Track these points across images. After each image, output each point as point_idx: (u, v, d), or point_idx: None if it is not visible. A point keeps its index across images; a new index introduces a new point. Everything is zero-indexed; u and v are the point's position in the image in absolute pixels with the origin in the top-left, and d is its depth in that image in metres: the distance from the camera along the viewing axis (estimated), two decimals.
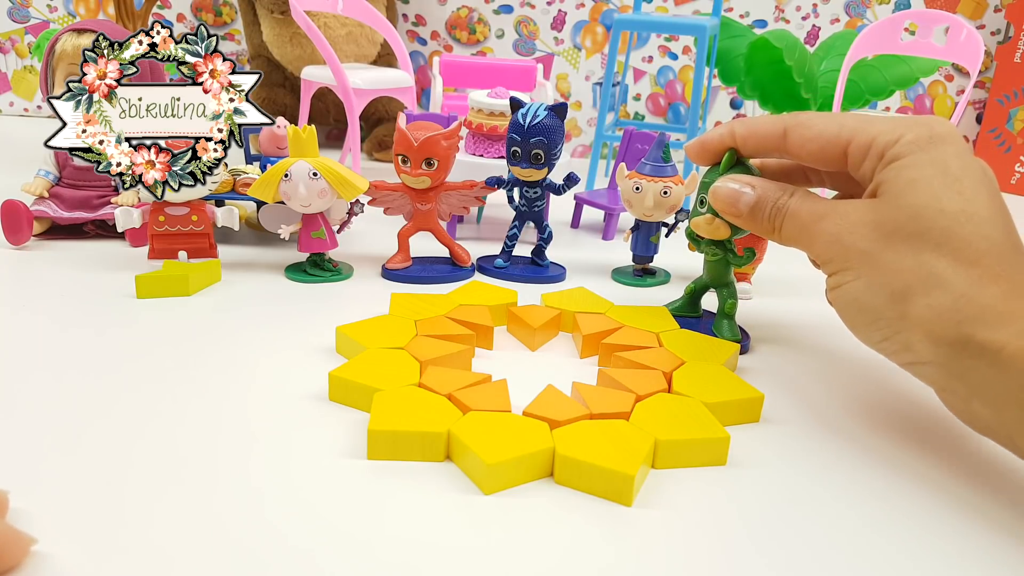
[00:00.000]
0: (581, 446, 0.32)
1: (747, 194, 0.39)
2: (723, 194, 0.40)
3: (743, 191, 0.39)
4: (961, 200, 0.32)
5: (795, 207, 0.37)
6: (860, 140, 0.36)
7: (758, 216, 0.38)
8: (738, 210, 0.39)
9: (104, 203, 0.61)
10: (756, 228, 0.39)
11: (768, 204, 0.38)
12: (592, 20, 1.18)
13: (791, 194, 0.38)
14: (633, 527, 0.29)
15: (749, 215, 0.39)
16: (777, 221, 0.38)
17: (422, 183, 0.55)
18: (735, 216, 0.39)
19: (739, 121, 0.42)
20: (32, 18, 1.18)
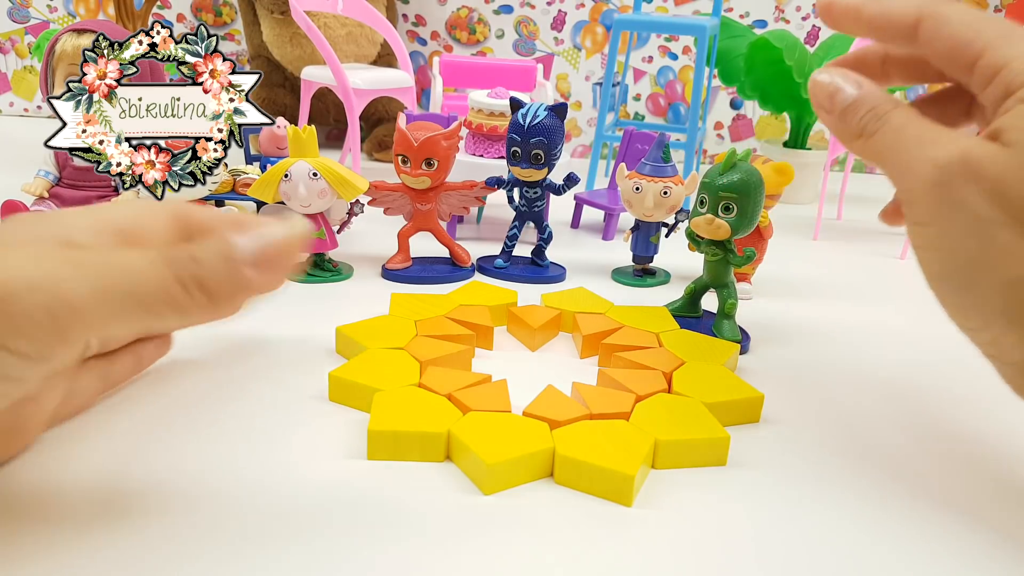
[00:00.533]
0: (581, 446, 0.32)
1: (848, 92, 0.32)
2: (822, 86, 0.32)
3: (845, 88, 0.32)
4: None
5: (900, 120, 0.30)
6: (990, 59, 0.29)
7: (849, 117, 0.32)
8: (832, 106, 0.32)
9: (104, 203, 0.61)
10: (841, 130, 0.32)
11: (865, 106, 0.31)
12: (592, 20, 1.18)
13: (896, 105, 0.31)
14: (633, 527, 0.29)
15: (840, 115, 0.32)
16: (872, 127, 0.31)
17: (422, 183, 0.55)
18: (825, 111, 0.33)
19: None
20: (32, 18, 1.18)
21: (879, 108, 0.31)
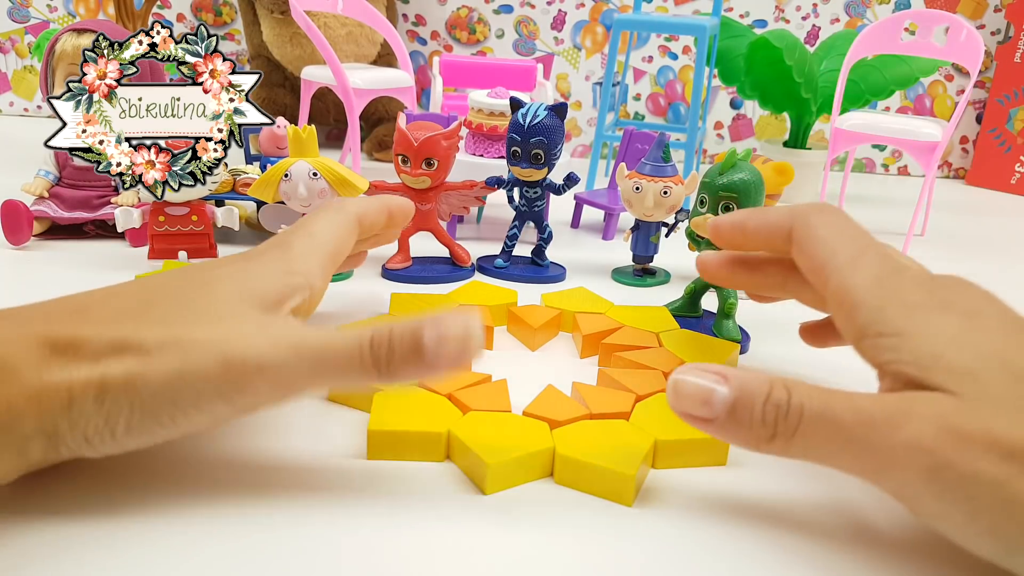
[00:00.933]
0: (581, 446, 0.32)
1: (720, 392, 0.26)
2: (689, 395, 0.27)
3: (716, 387, 0.27)
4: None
5: (815, 405, 0.26)
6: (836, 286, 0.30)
7: (743, 417, 0.26)
8: (712, 412, 0.27)
9: (104, 203, 0.61)
10: (741, 436, 0.27)
11: (756, 400, 0.26)
12: (592, 20, 1.18)
13: (788, 386, 0.26)
14: (633, 527, 0.29)
15: (729, 419, 0.26)
16: (787, 424, 0.26)
17: (422, 183, 0.55)
18: (704, 422, 0.27)
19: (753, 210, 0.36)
20: (32, 18, 1.18)
21: (774, 397, 0.26)
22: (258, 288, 0.30)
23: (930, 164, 0.73)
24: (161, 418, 0.27)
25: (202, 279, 0.30)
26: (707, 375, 0.27)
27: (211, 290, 0.29)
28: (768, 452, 0.27)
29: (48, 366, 0.26)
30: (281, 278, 0.31)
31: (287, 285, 0.31)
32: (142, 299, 0.29)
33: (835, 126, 0.77)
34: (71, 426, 0.26)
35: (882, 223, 0.87)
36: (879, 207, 0.97)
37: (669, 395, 0.27)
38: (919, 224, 0.83)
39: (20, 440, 0.26)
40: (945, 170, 1.24)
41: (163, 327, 0.27)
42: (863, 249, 0.31)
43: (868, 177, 1.19)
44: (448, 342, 0.27)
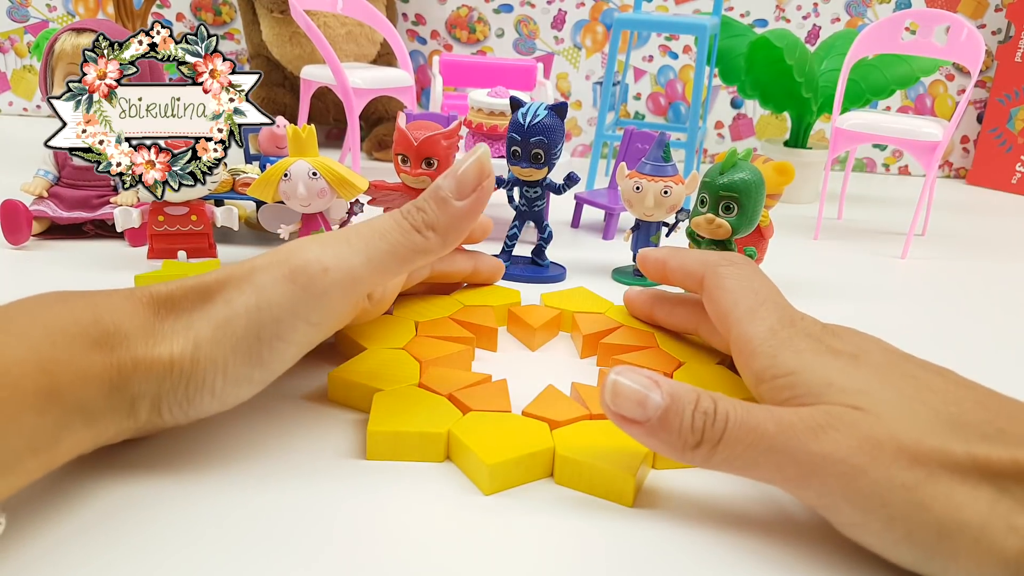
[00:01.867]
0: (581, 446, 0.32)
1: (655, 398, 0.27)
2: (626, 394, 0.28)
3: (650, 393, 0.28)
4: None
5: (742, 413, 0.27)
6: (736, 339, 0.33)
7: (673, 423, 0.27)
8: (644, 414, 0.27)
9: (104, 203, 0.61)
10: (668, 443, 0.28)
11: (688, 407, 0.27)
12: (592, 19, 1.18)
13: (714, 397, 0.28)
14: (633, 527, 0.29)
15: (659, 423, 0.27)
16: (714, 431, 0.27)
17: (422, 183, 0.55)
18: (635, 426, 0.28)
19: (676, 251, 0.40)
20: (31, 17, 1.18)
21: (702, 405, 0.27)
22: None
23: (931, 164, 0.73)
24: (251, 358, 0.29)
25: None
26: (642, 379, 0.28)
27: None
28: (691, 460, 0.28)
29: (152, 334, 0.29)
30: None
31: None
32: None
33: (836, 126, 0.77)
34: (173, 388, 0.29)
35: (882, 223, 0.87)
36: (879, 207, 0.96)
37: (605, 394, 0.28)
38: (919, 224, 0.83)
39: (130, 401, 0.28)
40: (946, 170, 1.24)
41: (238, 267, 0.31)
42: (762, 302, 0.33)
43: (868, 177, 1.19)
44: (466, 179, 0.33)
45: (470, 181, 0.33)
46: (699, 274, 0.37)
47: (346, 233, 0.32)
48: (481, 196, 0.33)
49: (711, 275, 0.36)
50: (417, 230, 0.32)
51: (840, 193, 0.90)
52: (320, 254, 0.30)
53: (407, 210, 0.33)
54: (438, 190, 0.33)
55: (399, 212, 0.33)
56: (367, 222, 0.33)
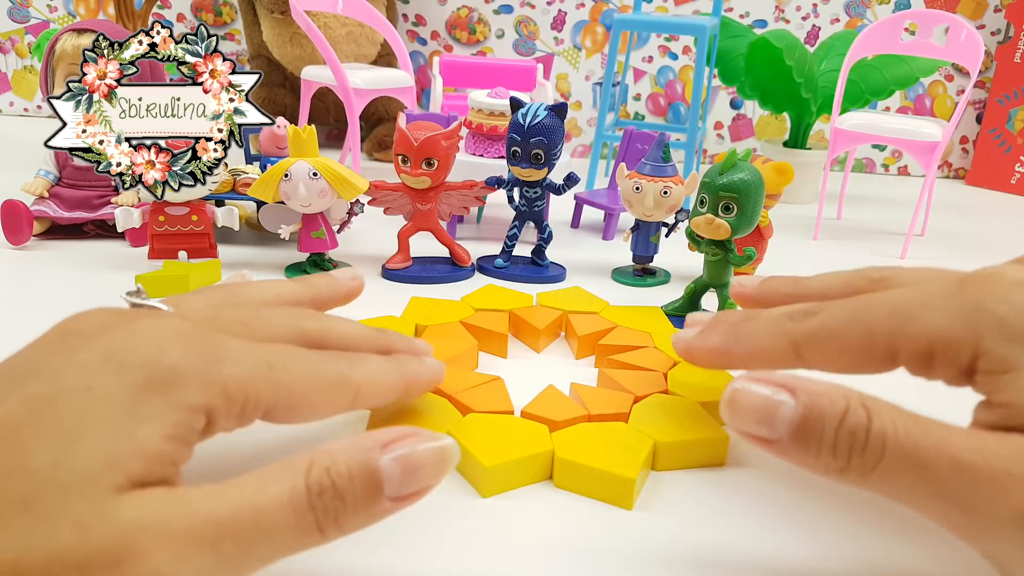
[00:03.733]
0: (580, 449, 0.32)
1: (785, 403, 0.22)
2: (748, 406, 0.23)
3: (779, 399, 0.22)
4: None
5: (904, 438, 0.21)
6: (912, 347, 0.24)
7: (811, 443, 0.22)
8: (773, 431, 0.22)
9: (104, 203, 0.61)
10: (807, 462, 0.23)
11: (830, 422, 0.22)
12: (592, 20, 1.18)
13: (868, 407, 0.22)
14: (634, 530, 0.29)
15: (794, 440, 0.22)
16: (865, 459, 0.22)
17: (422, 183, 0.55)
18: (766, 443, 0.23)
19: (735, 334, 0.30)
20: (32, 18, 1.18)
21: (851, 418, 0.22)
22: (140, 440, 0.20)
23: (930, 164, 0.73)
24: None
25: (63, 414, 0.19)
26: (770, 385, 0.23)
27: (71, 448, 0.19)
28: (840, 483, 0.22)
29: None
30: (177, 419, 0.21)
31: (182, 429, 0.21)
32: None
33: (835, 126, 0.77)
34: None
35: (882, 223, 0.87)
36: (879, 207, 0.97)
37: (724, 409, 0.23)
38: (919, 224, 0.83)
39: None
40: (945, 170, 1.24)
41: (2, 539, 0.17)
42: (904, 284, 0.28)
43: (868, 177, 1.19)
44: (420, 474, 0.22)
45: (425, 479, 0.22)
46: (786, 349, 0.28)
47: (217, 531, 0.19)
48: (417, 500, 0.22)
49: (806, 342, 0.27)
50: (320, 529, 0.21)
51: (840, 193, 0.90)
52: (168, 574, 0.18)
53: (320, 490, 0.21)
54: (376, 474, 0.21)
55: (306, 491, 0.20)
56: (254, 496, 0.20)
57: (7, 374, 0.21)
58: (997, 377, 0.22)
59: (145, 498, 0.19)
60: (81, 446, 0.19)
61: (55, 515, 0.18)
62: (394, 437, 0.22)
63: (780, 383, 0.23)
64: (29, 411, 0.19)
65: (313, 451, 0.22)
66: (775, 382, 0.23)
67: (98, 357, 0.21)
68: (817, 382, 0.23)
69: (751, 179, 0.46)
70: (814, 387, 0.23)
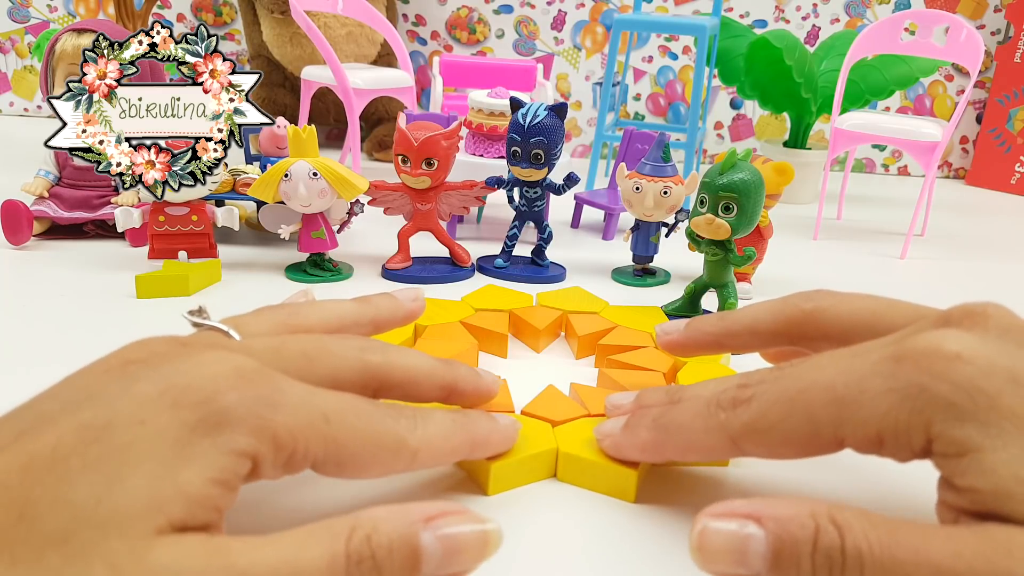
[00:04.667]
0: (583, 443, 0.32)
1: (755, 536, 0.22)
2: (718, 546, 0.22)
3: (746, 532, 0.22)
4: None
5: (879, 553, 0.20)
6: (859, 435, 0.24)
7: (789, 570, 0.21)
8: (750, 568, 0.22)
9: (104, 203, 0.61)
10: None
11: (804, 548, 0.21)
12: (592, 20, 1.18)
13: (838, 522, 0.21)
14: (636, 523, 0.29)
15: (771, 571, 0.21)
16: None
17: (422, 183, 0.55)
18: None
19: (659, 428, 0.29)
20: (32, 18, 1.18)
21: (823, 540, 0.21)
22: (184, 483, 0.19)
23: (930, 164, 0.73)
24: None
25: (112, 448, 0.19)
26: (735, 519, 0.22)
27: (115, 484, 0.19)
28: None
29: None
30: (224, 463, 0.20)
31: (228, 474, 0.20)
32: (19, 499, 0.18)
33: (835, 126, 0.77)
34: None
35: (882, 223, 0.87)
36: (879, 207, 0.97)
37: (694, 555, 0.22)
38: (919, 224, 0.83)
39: None
40: (945, 170, 1.24)
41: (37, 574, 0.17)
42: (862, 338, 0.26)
43: (868, 177, 1.19)
44: (460, 557, 0.21)
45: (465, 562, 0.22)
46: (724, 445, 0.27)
47: (237, 568, 0.19)
48: None
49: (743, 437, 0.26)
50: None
51: (839, 193, 0.90)
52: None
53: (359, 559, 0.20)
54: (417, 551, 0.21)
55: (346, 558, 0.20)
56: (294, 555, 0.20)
57: (64, 396, 0.21)
58: (956, 460, 0.22)
59: (183, 544, 0.19)
60: (125, 484, 0.19)
61: (91, 553, 0.17)
62: (439, 512, 0.22)
63: (744, 513, 0.22)
64: (79, 440, 0.19)
65: (357, 515, 0.21)
66: (739, 513, 0.22)
67: (155, 390, 0.20)
68: (780, 502, 0.22)
69: (751, 179, 0.46)
70: (780, 511, 0.22)
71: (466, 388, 0.30)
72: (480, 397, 0.31)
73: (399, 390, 0.28)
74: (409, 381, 0.28)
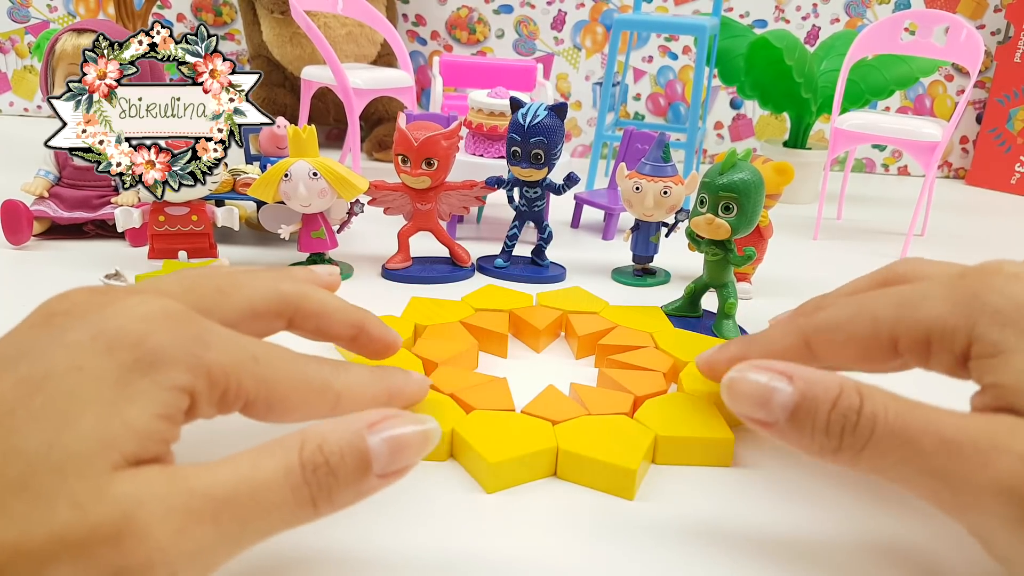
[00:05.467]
0: (583, 440, 0.32)
1: (784, 390, 0.24)
2: (746, 392, 0.24)
3: (775, 385, 0.24)
4: None
5: (891, 416, 0.23)
6: (911, 335, 0.25)
7: (805, 425, 0.23)
8: (771, 414, 0.24)
9: (104, 203, 0.61)
10: (802, 443, 0.24)
11: (823, 403, 0.23)
12: (592, 20, 1.18)
13: (861, 391, 0.23)
14: (635, 521, 0.29)
15: (791, 423, 0.24)
16: (855, 438, 0.23)
17: (422, 183, 0.55)
18: (762, 424, 0.24)
19: (750, 340, 0.31)
20: (32, 18, 1.18)
21: (843, 402, 0.23)
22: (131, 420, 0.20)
23: (930, 164, 0.73)
24: None
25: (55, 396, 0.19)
26: (768, 372, 0.24)
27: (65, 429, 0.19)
28: (834, 464, 0.24)
29: None
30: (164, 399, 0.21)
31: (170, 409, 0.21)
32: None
33: (835, 126, 0.77)
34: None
35: (882, 223, 0.87)
36: (879, 207, 0.97)
37: (724, 392, 0.25)
38: (919, 224, 0.83)
39: None
40: (945, 170, 1.24)
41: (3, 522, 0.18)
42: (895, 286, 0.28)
43: (868, 177, 1.19)
44: (404, 453, 0.23)
45: (409, 457, 0.23)
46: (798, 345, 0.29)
47: (216, 505, 0.20)
48: (401, 477, 0.23)
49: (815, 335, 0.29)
50: (314, 503, 0.21)
51: (839, 193, 0.90)
52: (170, 548, 0.19)
53: (313, 466, 0.21)
54: (365, 453, 0.22)
55: (301, 467, 0.21)
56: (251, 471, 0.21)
57: None
58: (988, 360, 0.23)
59: (141, 475, 0.19)
60: (74, 428, 0.19)
61: (52, 495, 0.18)
62: (380, 418, 0.23)
63: (778, 370, 0.24)
64: (21, 393, 0.19)
65: (303, 431, 0.22)
66: (774, 369, 0.24)
67: (87, 337, 0.21)
68: (815, 370, 0.24)
69: (751, 179, 0.46)
70: (811, 374, 0.24)
71: (373, 331, 0.30)
72: (385, 346, 0.31)
73: (312, 320, 0.28)
74: (322, 312, 0.28)
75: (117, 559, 0.18)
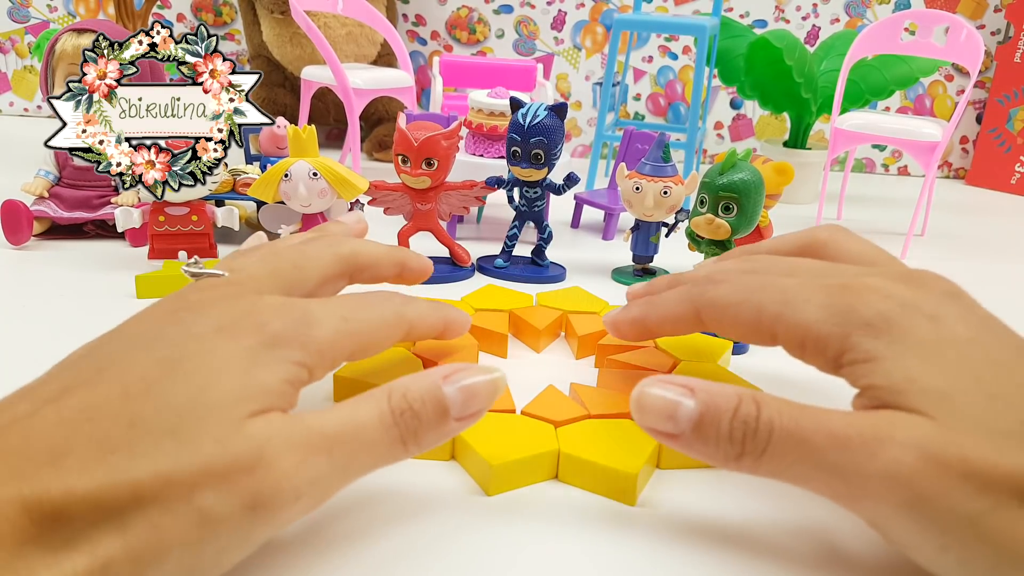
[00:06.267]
0: (585, 445, 0.32)
1: (687, 404, 0.26)
2: (652, 406, 0.26)
3: (679, 399, 0.26)
4: None
5: (786, 421, 0.25)
6: (787, 335, 0.28)
7: (710, 434, 0.25)
8: (677, 426, 0.26)
9: (104, 203, 0.61)
10: (707, 453, 0.26)
11: (725, 415, 0.25)
12: (592, 20, 1.18)
13: (758, 400, 0.25)
14: (636, 526, 0.29)
15: (695, 433, 0.25)
16: (756, 443, 0.25)
17: (422, 183, 0.55)
18: (669, 437, 0.26)
19: (649, 303, 0.34)
20: (32, 18, 1.18)
21: (743, 410, 0.25)
22: (262, 382, 0.24)
23: (930, 164, 0.73)
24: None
25: (194, 369, 0.23)
26: (673, 388, 0.26)
27: (206, 390, 0.22)
28: (737, 471, 0.25)
29: (33, 557, 0.19)
30: (288, 369, 0.25)
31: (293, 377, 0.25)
32: (126, 413, 0.21)
33: (835, 126, 0.77)
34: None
35: (882, 223, 0.87)
36: (879, 207, 0.97)
37: (633, 409, 0.26)
38: (919, 224, 0.83)
39: None
40: (945, 170, 1.24)
41: (158, 458, 0.21)
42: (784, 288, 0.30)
43: (868, 177, 1.19)
44: (476, 399, 0.26)
45: (481, 402, 0.26)
46: (691, 313, 0.32)
47: (328, 441, 0.23)
48: (476, 420, 0.27)
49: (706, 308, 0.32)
50: (404, 442, 0.25)
51: (839, 193, 0.90)
52: (294, 475, 0.22)
53: (400, 411, 0.25)
54: (443, 400, 0.26)
55: (391, 412, 0.25)
56: (351, 415, 0.24)
57: (125, 341, 0.25)
58: (862, 365, 0.26)
59: (268, 419, 0.23)
60: (215, 386, 0.23)
61: (198, 436, 0.21)
62: (452, 371, 0.27)
63: (680, 384, 0.26)
64: (164, 368, 0.23)
65: (389, 385, 0.26)
66: (676, 383, 0.26)
67: (211, 329, 0.24)
68: (713, 383, 0.26)
69: (751, 179, 0.46)
70: (710, 387, 0.26)
71: (413, 264, 0.37)
72: (423, 270, 0.38)
73: (368, 272, 0.34)
74: (374, 263, 0.34)
75: (252, 484, 0.21)
